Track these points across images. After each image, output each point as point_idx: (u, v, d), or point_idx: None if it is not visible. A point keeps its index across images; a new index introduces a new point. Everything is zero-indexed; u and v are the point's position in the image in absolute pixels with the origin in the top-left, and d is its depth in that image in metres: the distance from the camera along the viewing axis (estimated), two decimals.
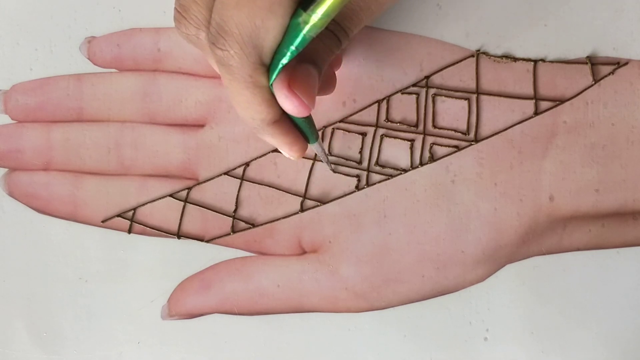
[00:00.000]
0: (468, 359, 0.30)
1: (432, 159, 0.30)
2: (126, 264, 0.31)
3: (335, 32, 0.23)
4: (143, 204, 0.31)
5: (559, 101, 0.30)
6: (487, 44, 0.30)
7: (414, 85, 0.30)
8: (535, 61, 0.30)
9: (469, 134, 0.30)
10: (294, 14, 0.21)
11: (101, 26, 0.31)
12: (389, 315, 0.30)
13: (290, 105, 0.22)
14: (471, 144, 0.30)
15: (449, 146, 0.30)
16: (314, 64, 0.22)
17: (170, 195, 0.31)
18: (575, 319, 0.30)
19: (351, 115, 0.30)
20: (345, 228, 0.30)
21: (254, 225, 0.31)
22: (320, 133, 0.30)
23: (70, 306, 0.32)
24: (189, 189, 0.31)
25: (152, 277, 0.31)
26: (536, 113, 0.30)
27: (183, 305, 0.31)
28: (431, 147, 0.30)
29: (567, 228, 0.30)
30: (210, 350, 0.31)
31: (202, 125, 0.31)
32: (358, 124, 0.30)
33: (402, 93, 0.30)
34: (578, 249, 0.30)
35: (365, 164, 0.30)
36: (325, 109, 0.31)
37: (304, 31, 0.20)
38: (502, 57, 0.30)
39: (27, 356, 0.32)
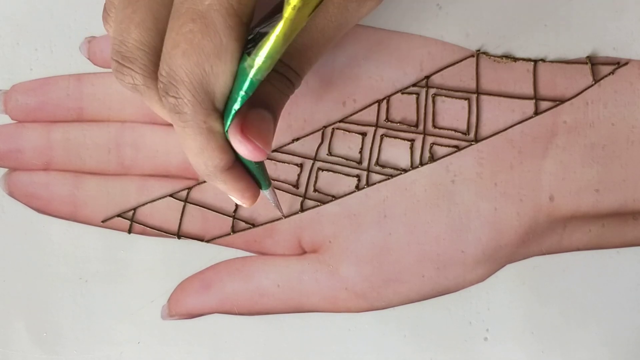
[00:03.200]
0: (468, 359, 0.30)
1: (432, 159, 0.30)
2: (126, 264, 0.31)
3: (286, 74, 0.23)
4: (143, 204, 0.31)
5: (559, 101, 0.30)
6: (487, 44, 0.30)
7: (414, 85, 0.30)
8: (535, 61, 0.30)
9: (469, 134, 0.30)
10: (241, 59, 0.21)
11: (101, 26, 0.31)
12: (389, 315, 0.30)
13: (244, 150, 0.22)
14: (471, 144, 0.30)
15: (449, 146, 0.30)
16: (267, 108, 0.22)
17: (171, 195, 0.31)
18: (575, 319, 0.30)
19: (351, 115, 0.30)
20: (345, 228, 0.30)
21: (254, 225, 0.31)
22: (320, 133, 0.31)
23: (70, 306, 0.32)
24: (189, 189, 0.31)
25: (152, 277, 0.31)
26: (536, 113, 0.30)
27: (183, 305, 0.31)
28: (431, 147, 0.30)
29: (567, 228, 0.30)
30: (210, 350, 0.31)
31: None
32: (358, 124, 0.30)
33: (402, 93, 0.30)
34: (578, 249, 0.30)
35: (365, 164, 0.30)
36: (325, 109, 0.31)
37: (251, 75, 0.21)
38: (502, 57, 0.30)
39: (27, 356, 0.32)
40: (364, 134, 0.30)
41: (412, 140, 0.30)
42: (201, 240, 0.31)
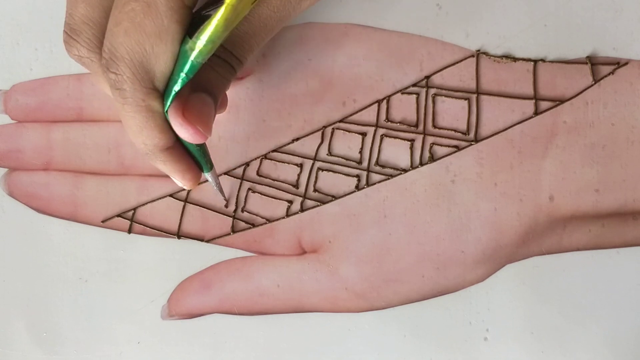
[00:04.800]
0: (468, 359, 0.30)
1: (432, 159, 0.30)
2: (126, 264, 0.31)
3: (228, 60, 0.24)
4: (143, 204, 0.31)
5: (559, 101, 0.30)
6: (487, 44, 0.30)
7: (414, 85, 0.30)
8: (535, 61, 0.30)
9: (469, 134, 0.30)
10: (183, 41, 0.21)
11: None
12: (389, 315, 0.30)
13: (185, 133, 0.22)
14: (471, 144, 0.30)
15: (449, 146, 0.30)
16: (208, 93, 0.23)
17: (170, 195, 0.31)
18: (575, 319, 0.30)
19: (351, 115, 0.30)
20: (345, 228, 0.30)
21: (254, 225, 0.31)
22: (320, 133, 0.31)
23: (70, 306, 0.32)
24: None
25: (152, 277, 0.31)
26: (536, 113, 0.30)
27: (183, 305, 0.31)
28: (431, 147, 0.30)
29: (567, 228, 0.30)
30: (210, 350, 0.31)
31: None
32: (358, 124, 0.30)
33: (402, 93, 0.30)
34: (578, 249, 0.30)
35: (365, 164, 0.30)
36: (325, 109, 0.31)
37: (191, 58, 0.21)
38: (502, 57, 0.30)
39: (27, 356, 0.32)
40: (364, 134, 0.30)
41: (412, 140, 0.30)
42: (201, 240, 0.31)
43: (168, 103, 0.22)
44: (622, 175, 0.30)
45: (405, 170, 0.30)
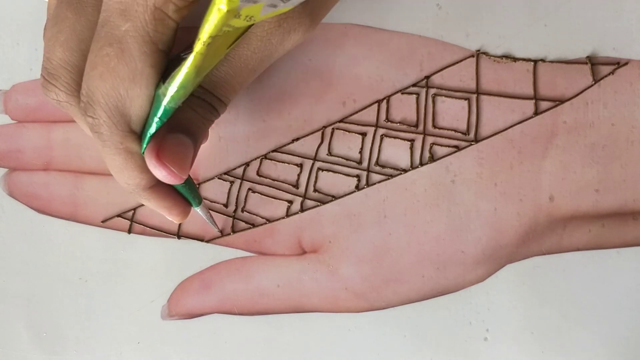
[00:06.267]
0: (468, 359, 0.30)
1: (432, 159, 0.30)
2: (126, 264, 0.31)
3: (209, 101, 0.24)
4: (143, 204, 0.31)
5: (559, 101, 0.30)
6: (487, 44, 0.30)
7: (414, 85, 0.30)
8: (535, 61, 0.30)
9: (469, 134, 0.30)
10: (158, 85, 0.21)
11: None
12: (389, 315, 0.30)
13: (159, 174, 0.22)
14: (471, 144, 0.30)
15: (449, 146, 0.30)
16: (187, 133, 0.23)
17: None
18: (575, 319, 0.30)
19: (351, 115, 0.30)
20: (345, 228, 0.30)
21: (254, 225, 0.31)
22: (320, 133, 0.31)
23: (70, 306, 0.32)
24: None
25: (152, 277, 0.31)
26: (536, 113, 0.30)
27: (183, 305, 0.31)
28: (431, 147, 0.30)
29: (567, 228, 0.30)
30: (210, 350, 0.31)
31: None
32: (358, 124, 0.30)
33: (402, 93, 0.30)
34: (578, 249, 0.30)
35: (365, 164, 0.30)
36: (325, 109, 0.31)
37: (164, 103, 0.21)
38: (502, 57, 0.30)
39: (27, 356, 0.32)
40: (364, 134, 0.30)
41: (412, 141, 0.30)
42: (201, 240, 0.31)
43: (144, 145, 0.22)
44: (622, 175, 0.30)
45: (405, 170, 0.30)
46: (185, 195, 0.26)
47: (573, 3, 0.30)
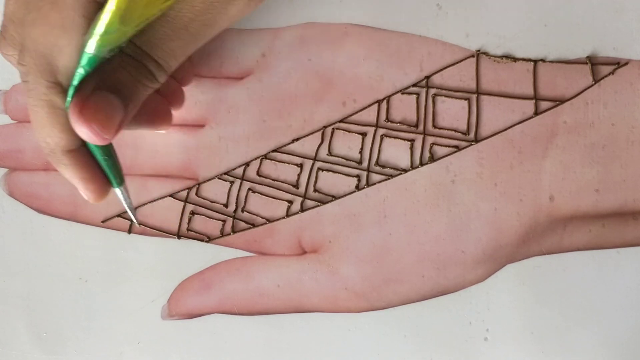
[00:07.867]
0: (468, 359, 0.30)
1: (432, 159, 0.30)
2: (126, 264, 0.31)
3: (144, 62, 0.22)
4: (143, 204, 0.31)
5: (559, 101, 0.30)
6: (487, 44, 0.30)
7: (414, 85, 0.30)
8: (535, 61, 0.30)
9: (469, 134, 0.30)
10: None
11: None
12: (389, 315, 0.30)
13: (81, 131, 0.21)
14: (471, 144, 0.30)
15: (449, 146, 0.30)
16: (116, 92, 0.21)
17: (171, 195, 0.31)
18: (575, 319, 0.30)
19: (351, 115, 0.30)
20: (345, 228, 0.30)
21: (254, 225, 0.31)
22: (320, 133, 0.31)
23: (70, 306, 0.32)
24: (189, 189, 0.31)
25: (152, 277, 0.31)
26: (536, 113, 0.30)
27: (183, 305, 0.31)
28: (431, 147, 0.30)
29: (567, 228, 0.30)
30: (210, 350, 0.31)
31: (202, 126, 0.31)
32: (358, 124, 0.30)
33: (402, 93, 0.30)
34: (578, 249, 0.30)
35: (365, 164, 0.30)
36: (325, 109, 0.31)
37: (87, 49, 0.20)
38: (502, 57, 0.30)
39: (27, 356, 0.32)
40: (364, 134, 0.30)
41: (412, 141, 0.30)
42: (201, 240, 0.31)
43: (68, 99, 0.21)
44: (622, 175, 0.30)
45: (405, 170, 0.30)
46: (106, 170, 0.24)
47: (573, 3, 0.30)
